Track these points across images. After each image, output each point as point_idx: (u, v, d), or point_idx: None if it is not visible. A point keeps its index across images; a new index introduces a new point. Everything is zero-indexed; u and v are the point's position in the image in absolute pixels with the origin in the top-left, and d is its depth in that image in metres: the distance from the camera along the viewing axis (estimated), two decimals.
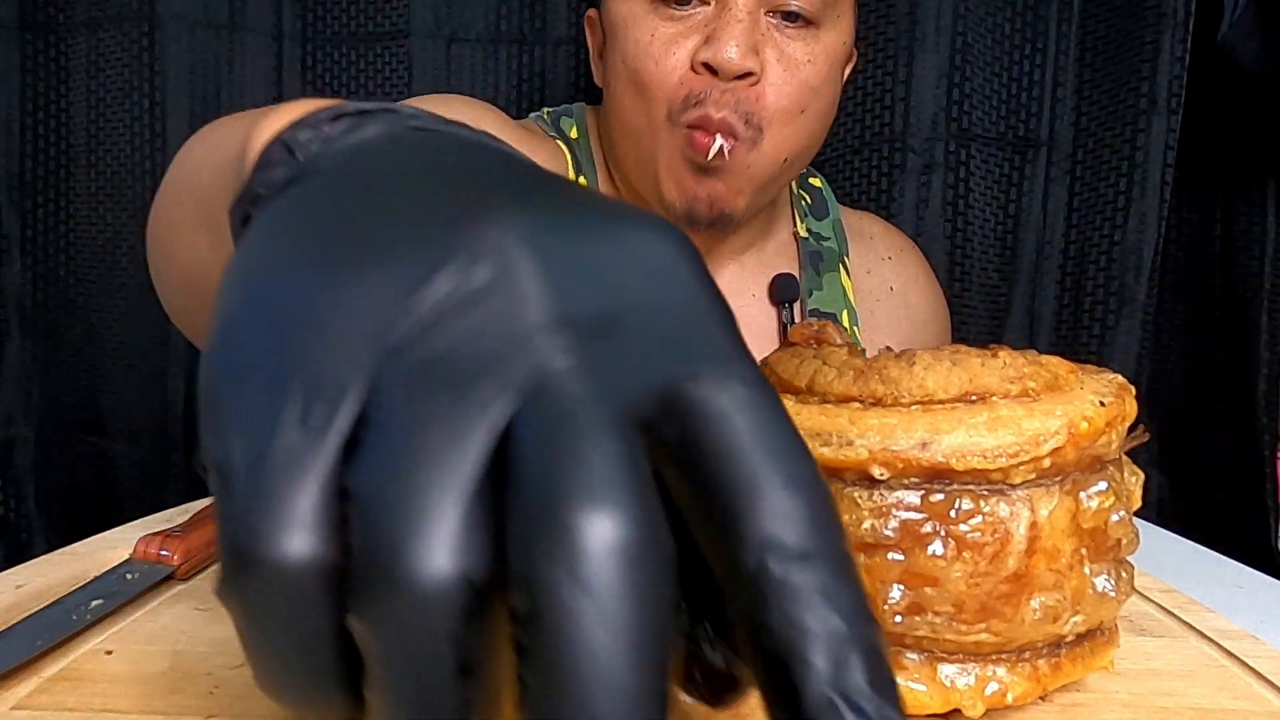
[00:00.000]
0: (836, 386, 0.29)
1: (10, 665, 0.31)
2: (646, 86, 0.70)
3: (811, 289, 0.84)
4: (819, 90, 0.71)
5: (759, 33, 0.68)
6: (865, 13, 1.04)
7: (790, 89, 0.69)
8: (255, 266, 0.19)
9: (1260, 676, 0.34)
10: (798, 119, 0.71)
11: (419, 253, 0.18)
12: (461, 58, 1.06)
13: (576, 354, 0.17)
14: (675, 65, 0.68)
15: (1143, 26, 0.98)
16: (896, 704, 0.16)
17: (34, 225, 1.08)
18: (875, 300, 0.88)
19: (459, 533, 0.16)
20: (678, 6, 0.68)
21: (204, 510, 0.45)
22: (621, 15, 0.71)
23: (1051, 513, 0.28)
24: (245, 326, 0.18)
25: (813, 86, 0.70)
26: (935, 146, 1.03)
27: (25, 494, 1.10)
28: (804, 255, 0.86)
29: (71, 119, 1.07)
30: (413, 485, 0.16)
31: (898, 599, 0.28)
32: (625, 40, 0.71)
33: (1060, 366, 0.30)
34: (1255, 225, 1.01)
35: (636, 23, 0.70)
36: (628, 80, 0.71)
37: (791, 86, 0.69)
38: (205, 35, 1.04)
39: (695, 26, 0.68)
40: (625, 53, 0.71)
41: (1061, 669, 0.30)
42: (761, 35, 0.68)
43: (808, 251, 0.86)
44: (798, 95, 0.70)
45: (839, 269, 0.86)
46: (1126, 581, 0.30)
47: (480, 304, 0.17)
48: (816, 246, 0.86)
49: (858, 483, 0.28)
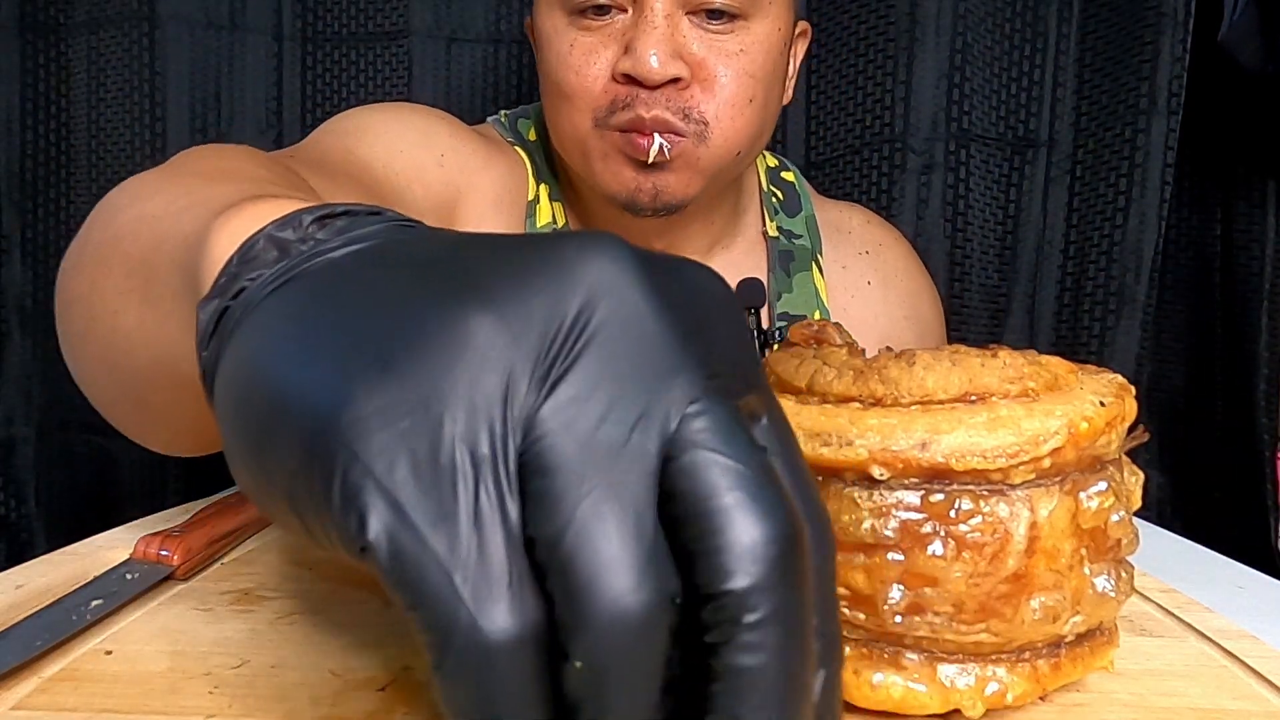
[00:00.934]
0: (836, 386, 0.29)
1: (10, 665, 0.31)
2: (569, 96, 0.69)
3: (781, 291, 0.83)
4: (760, 78, 0.69)
5: (680, 35, 0.66)
6: (865, 13, 1.04)
7: (729, 81, 0.67)
8: (300, 356, 0.20)
9: (1260, 676, 0.34)
10: (746, 109, 0.69)
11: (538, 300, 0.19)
12: (461, 58, 1.06)
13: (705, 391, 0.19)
14: (596, 75, 0.67)
15: (1143, 26, 0.98)
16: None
17: (34, 225, 1.08)
18: (850, 296, 0.86)
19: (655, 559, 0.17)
20: (595, 17, 0.67)
21: (204, 510, 0.45)
22: (544, 28, 0.70)
23: (1051, 513, 0.28)
24: (369, 418, 0.18)
25: (752, 74, 0.68)
26: (935, 146, 1.03)
27: (25, 494, 1.10)
28: (773, 256, 0.84)
29: (71, 119, 1.07)
30: (599, 522, 0.17)
31: (898, 599, 0.28)
32: (548, 52, 0.70)
33: (1060, 366, 0.30)
34: (1255, 225, 1.01)
35: (558, 35, 0.69)
36: (553, 90, 0.71)
37: (729, 79, 0.67)
38: (205, 35, 1.04)
39: (614, 35, 0.67)
40: (548, 64, 0.70)
41: (1061, 669, 0.30)
42: (684, 37, 0.66)
43: (778, 251, 0.84)
44: (738, 87, 0.68)
45: (811, 267, 0.85)
46: (1126, 581, 0.30)
47: (601, 347, 0.19)
48: (788, 246, 0.85)
49: (858, 483, 0.28)
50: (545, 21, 0.70)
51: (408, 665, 0.33)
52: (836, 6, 1.05)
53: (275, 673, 0.32)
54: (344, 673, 0.32)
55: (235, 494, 0.49)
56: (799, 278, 0.84)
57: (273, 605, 0.38)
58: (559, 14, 0.69)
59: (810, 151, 1.09)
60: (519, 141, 0.81)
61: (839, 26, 1.05)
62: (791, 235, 0.85)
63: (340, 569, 0.42)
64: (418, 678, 0.32)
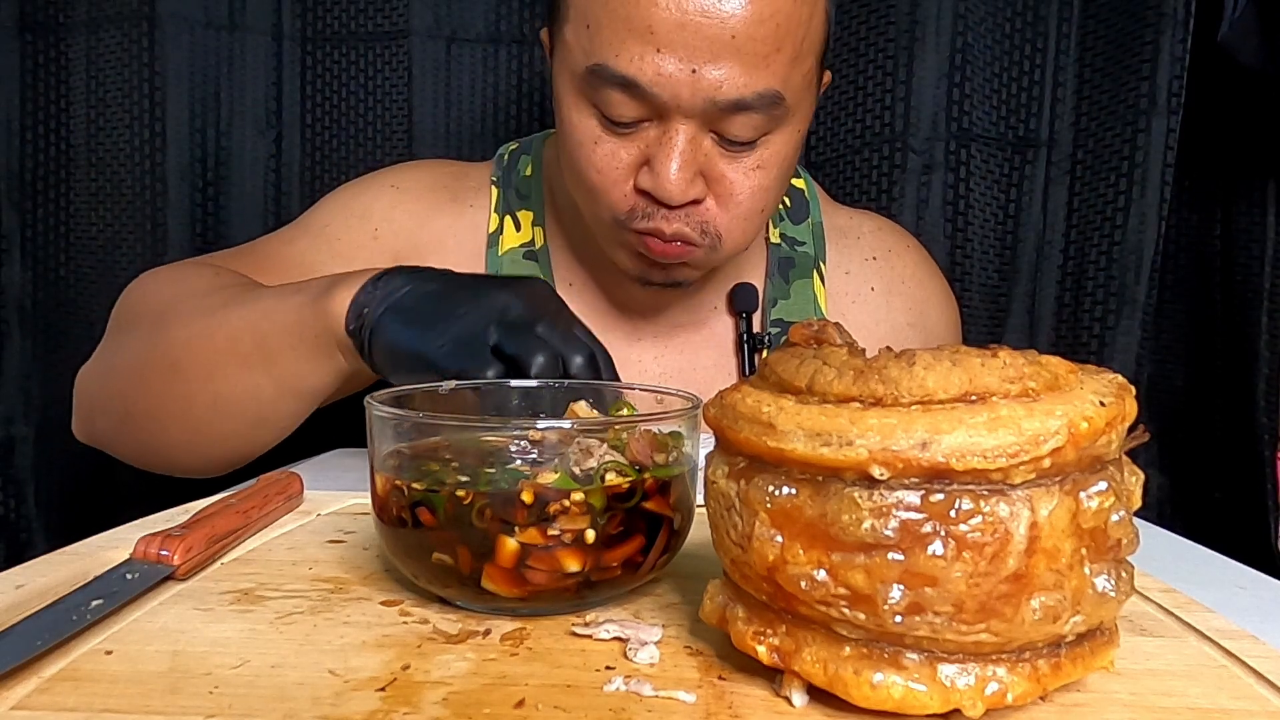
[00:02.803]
0: (836, 386, 0.29)
1: (10, 665, 0.31)
2: (590, 192, 0.70)
3: (777, 297, 0.84)
4: (772, 188, 0.70)
5: (701, 155, 0.67)
6: (865, 13, 1.04)
7: (745, 198, 0.69)
8: (415, 321, 0.58)
9: (1260, 676, 0.34)
10: (758, 218, 0.71)
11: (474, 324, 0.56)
12: (461, 58, 1.06)
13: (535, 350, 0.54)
14: (618, 179, 0.68)
15: (1143, 26, 0.98)
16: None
17: (34, 225, 1.08)
18: (850, 302, 0.86)
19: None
20: (622, 127, 0.67)
21: (204, 510, 0.45)
22: (566, 110, 0.69)
23: (1051, 513, 0.28)
24: (451, 328, 0.57)
25: (766, 188, 0.69)
26: (935, 146, 1.03)
27: (25, 494, 1.10)
28: (773, 262, 0.85)
29: (71, 119, 1.07)
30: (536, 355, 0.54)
31: (898, 599, 0.28)
32: (569, 136, 0.70)
33: (1060, 366, 0.30)
34: (1255, 225, 1.01)
35: (582, 123, 0.68)
36: (572, 177, 0.72)
37: (745, 195, 0.69)
38: (205, 35, 1.04)
39: (638, 142, 0.67)
40: (568, 144, 0.70)
41: (1061, 669, 0.30)
42: (705, 156, 0.67)
43: (778, 258, 0.85)
44: (751, 202, 0.69)
45: (812, 274, 0.85)
46: (1126, 581, 0.30)
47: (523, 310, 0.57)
48: (789, 253, 0.85)
49: (858, 483, 0.28)
50: (565, 101, 0.69)
51: (408, 665, 0.33)
52: (837, 6, 1.05)
53: (275, 673, 0.32)
54: (344, 673, 0.32)
55: (235, 494, 0.49)
56: (798, 285, 0.84)
57: (273, 605, 0.38)
58: (585, 106, 0.68)
59: (810, 151, 1.09)
60: (503, 179, 0.85)
61: (839, 26, 1.05)
62: (795, 242, 0.86)
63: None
64: (417, 678, 0.32)
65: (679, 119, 0.65)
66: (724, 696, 0.31)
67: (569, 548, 0.36)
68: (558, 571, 0.36)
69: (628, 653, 0.34)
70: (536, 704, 0.30)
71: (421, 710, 0.30)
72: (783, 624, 0.31)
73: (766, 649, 0.31)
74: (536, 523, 0.35)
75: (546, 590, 0.36)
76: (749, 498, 0.30)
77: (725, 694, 0.31)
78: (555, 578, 0.36)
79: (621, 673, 0.32)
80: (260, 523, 0.48)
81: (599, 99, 0.66)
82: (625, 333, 0.83)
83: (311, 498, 0.54)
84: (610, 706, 0.30)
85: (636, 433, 0.38)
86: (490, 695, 0.31)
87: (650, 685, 0.31)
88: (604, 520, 0.36)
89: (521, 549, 0.35)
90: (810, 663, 0.30)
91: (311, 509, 0.53)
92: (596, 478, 0.37)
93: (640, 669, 0.33)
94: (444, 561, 0.36)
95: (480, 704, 0.30)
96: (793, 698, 0.31)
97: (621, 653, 0.34)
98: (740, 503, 0.31)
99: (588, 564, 0.36)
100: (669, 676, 0.32)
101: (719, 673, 0.33)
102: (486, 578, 0.36)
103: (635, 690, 0.31)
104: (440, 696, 0.30)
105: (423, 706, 0.30)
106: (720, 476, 0.32)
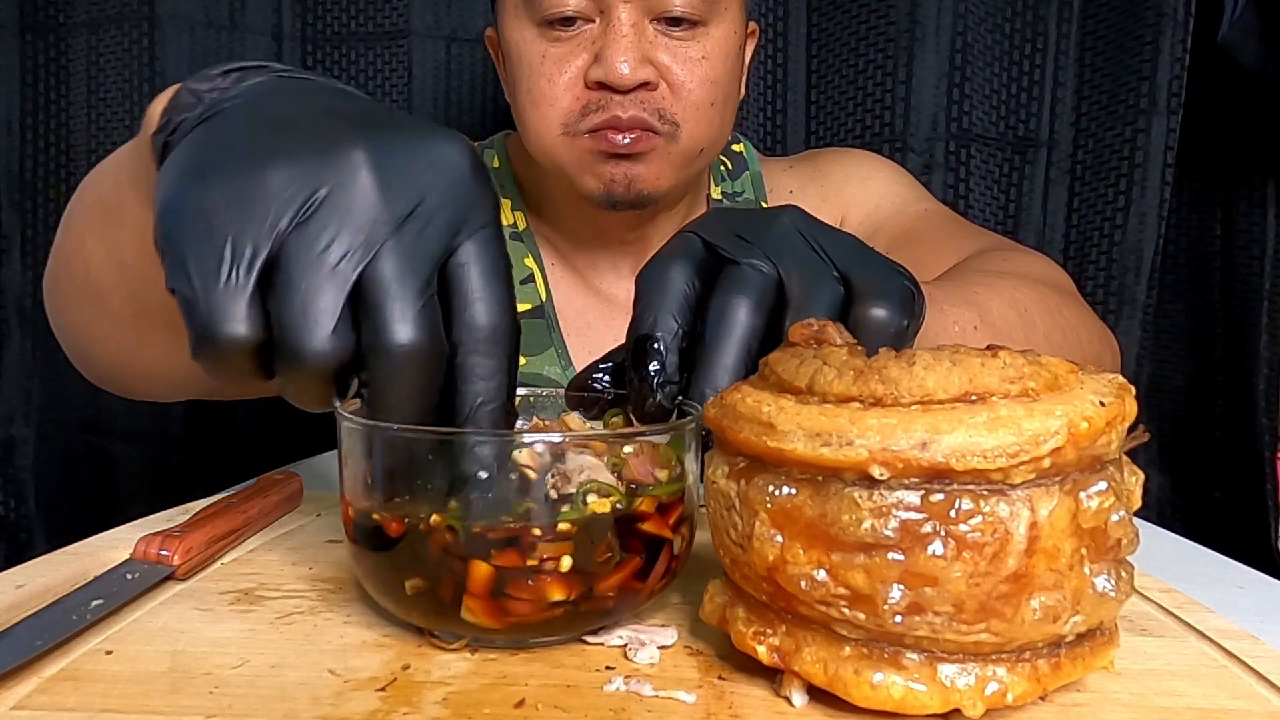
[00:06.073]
0: (836, 386, 0.29)
1: (10, 665, 0.31)
2: (540, 103, 0.73)
3: None
4: (720, 82, 0.74)
5: (646, 41, 0.71)
6: (865, 13, 1.04)
7: (694, 85, 0.72)
8: (190, 169, 0.32)
9: (1260, 676, 0.34)
10: (709, 111, 0.74)
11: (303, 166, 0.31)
12: (461, 58, 1.06)
13: (395, 233, 0.31)
14: (569, 82, 0.71)
15: (1143, 26, 0.98)
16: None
17: (34, 225, 1.08)
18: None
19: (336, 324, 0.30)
20: (563, 28, 0.71)
21: (204, 510, 0.45)
22: (512, 39, 0.74)
23: (1051, 513, 0.28)
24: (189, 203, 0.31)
25: (713, 80, 0.73)
26: (935, 146, 1.03)
27: (25, 494, 1.10)
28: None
29: (71, 119, 1.07)
30: (306, 299, 0.30)
31: (898, 599, 0.28)
32: (519, 62, 0.74)
33: (1060, 366, 0.30)
34: (1255, 225, 1.01)
35: (527, 45, 0.73)
36: (524, 99, 0.74)
37: (694, 83, 0.72)
38: (205, 35, 1.04)
39: (583, 44, 0.71)
40: (518, 73, 0.74)
41: (1061, 669, 0.30)
42: (650, 43, 0.71)
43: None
44: (702, 91, 0.72)
45: None
46: (1126, 581, 0.30)
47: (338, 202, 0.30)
48: (730, 205, 0.88)
49: (858, 483, 0.28)
50: (513, 33, 0.74)
51: (408, 665, 0.33)
52: (836, 6, 1.05)
53: (275, 673, 0.32)
54: (344, 673, 0.32)
55: (235, 494, 0.49)
56: None
57: (273, 605, 0.38)
58: (527, 25, 0.73)
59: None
60: None
61: (839, 26, 1.05)
62: (734, 196, 0.90)
63: None
64: (417, 678, 0.32)
65: (619, 6, 0.69)
66: (724, 696, 0.31)
67: (553, 575, 0.32)
68: (542, 601, 0.32)
69: (628, 653, 0.34)
70: (536, 704, 0.30)
71: (421, 710, 0.30)
72: (783, 624, 0.31)
73: (766, 649, 0.31)
74: (506, 548, 0.32)
75: (532, 622, 0.33)
76: (749, 498, 0.30)
77: (725, 694, 0.31)
78: (540, 607, 0.33)
79: (621, 673, 0.32)
80: (260, 523, 0.48)
81: (539, 6, 0.70)
82: (602, 313, 0.84)
83: (311, 498, 0.54)
84: (610, 707, 0.30)
85: (636, 448, 0.35)
86: (490, 695, 0.31)
87: (650, 685, 0.31)
88: (592, 545, 0.33)
89: (496, 573, 0.32)
90: (810, 663, 0.30)
91: (311, 509, 0.53)
92: (578, 499, 0.33)
93: (640, 669, 0.33)
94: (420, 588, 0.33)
95: (480, 704, 0.30)
96: (793, 698, 0.31)
97: (621, 653, 0.34)
98: (740, 503, 0.31)
99: (574, 592, 0.33)
100: (669, 677, 0.33)
101: (719, 673, 0.33)
102: (466, 608, 0.33)
103: (635, 690, 0.31)
104: (440, 696, 0.30)
105: (423, 706, 0.30)
106: (720, 476, 0.32)
